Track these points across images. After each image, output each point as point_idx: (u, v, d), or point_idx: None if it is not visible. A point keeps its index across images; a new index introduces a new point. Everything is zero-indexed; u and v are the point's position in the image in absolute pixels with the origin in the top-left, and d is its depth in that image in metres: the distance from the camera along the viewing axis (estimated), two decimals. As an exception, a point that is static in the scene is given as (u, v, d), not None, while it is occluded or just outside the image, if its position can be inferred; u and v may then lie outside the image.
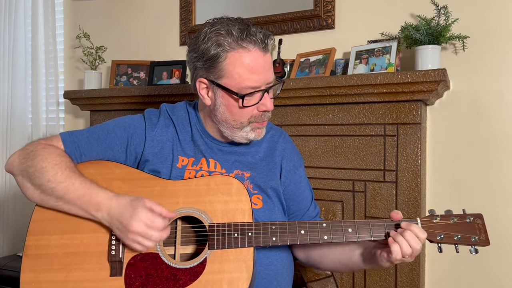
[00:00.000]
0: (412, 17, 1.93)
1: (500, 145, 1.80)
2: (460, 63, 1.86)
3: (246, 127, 1.22)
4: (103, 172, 1.22)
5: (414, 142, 1.74)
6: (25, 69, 2.85)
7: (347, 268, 1.27)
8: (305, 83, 1.84)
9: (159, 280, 1.10)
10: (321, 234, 1.14)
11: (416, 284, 1.74)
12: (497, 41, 1.80)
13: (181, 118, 1.32)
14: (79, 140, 1.24)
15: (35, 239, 1.15)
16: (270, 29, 2.23)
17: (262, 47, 1.17)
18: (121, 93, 2.30)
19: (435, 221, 1.12)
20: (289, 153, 1.35)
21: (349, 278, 1.86)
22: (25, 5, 2.85)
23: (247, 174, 1.28)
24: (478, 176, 1.83)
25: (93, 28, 2.72)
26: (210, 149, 1.29)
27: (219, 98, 1.20)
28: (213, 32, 1.16)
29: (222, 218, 1.15)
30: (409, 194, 1.75)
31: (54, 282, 1.11)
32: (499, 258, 1.79)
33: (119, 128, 1.28)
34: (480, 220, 1.11)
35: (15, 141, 2.80)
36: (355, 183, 1.85)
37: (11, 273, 2.30)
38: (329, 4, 2.09)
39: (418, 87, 1.67)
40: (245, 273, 1.10)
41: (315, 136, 1.92)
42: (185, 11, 2.48)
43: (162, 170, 1.25)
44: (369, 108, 1.81)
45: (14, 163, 1.19)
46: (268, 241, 1.13)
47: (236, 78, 1.16)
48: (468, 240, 1.10)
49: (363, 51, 1.89)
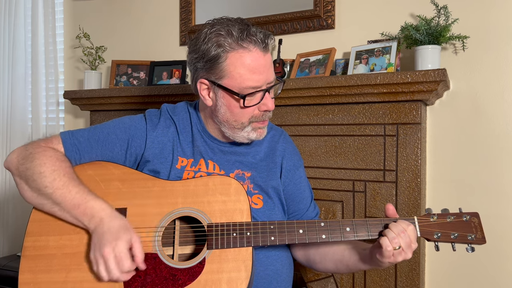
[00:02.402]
0: (412, 17, 1.93)
1: (500, 145, 1.80)
2: (460, 63, 1.86)
3: (247, 127, 1.22)
4: (102, 173, 1.22)
5: (414, 142, 1.74)
6: (25, 69, 2.85)
7: (347, 269, 1.27)
8: (305, 83, 1.84)
9: (158, 280, 1.09)
10: (319, 234, 1.14)
11: (416, 284, 1.73)
12: (497, 41, 1.80)
13: (182, 118, 1.32)
14: (79, 143, 1.23)
15: (33, 240, 1.15)
16: (270, 29, 2.23)
17: (263, 47, 1.17)
18: (121, 93, 2.30)
19: (432, 220, 1.13)
20: (289, 153, 1.35)
21: (349, 278, 1.86)
22: (25, 5, 2.85)
23: (248, 174, 1.28)
24: (478, 176, 1.83)
25: (93, 28, 2.72)
26: (211, 150, 1.29)
27: (220, 98, 1.20)
28: (213, 32, 1.16)
29: (221, 218, 1.15)
30: (409, 194, 1.74)
31: (53, 283, 1.11)
32: (498, 258, 1.79)
33: (119, 129, 1.27)
34: (476, 218, 1.12)
35: (15, 141, 2.80)
36: (355, 183, 1.85)
37: (10, 273, 2.31)
38: (329, 4, 2.08)
39: (418, 87, 1.67)
40: (244, 272, 1.10)
41: (315, 136, 1.92)
42: (185, 11, 2.48)
43: (162, 170, 1.25)
44: (369, 108, 1.81)
45: (12, 162, 1.18)
46: (267, 241, 1.13)
47: (237, 78, 1.15)
48: (465, 238, 1.10)
49: (363, 51, 1.89)
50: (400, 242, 1.06)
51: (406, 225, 1.09)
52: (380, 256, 1.09)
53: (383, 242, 1.07)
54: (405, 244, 1.07)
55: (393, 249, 1.06)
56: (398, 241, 1.06)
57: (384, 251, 1.07)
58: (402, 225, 1.09)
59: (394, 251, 1.07)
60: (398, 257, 1.08)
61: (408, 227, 1.09)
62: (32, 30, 2.79)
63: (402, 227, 1.08)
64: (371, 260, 1.16)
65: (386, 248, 1.06)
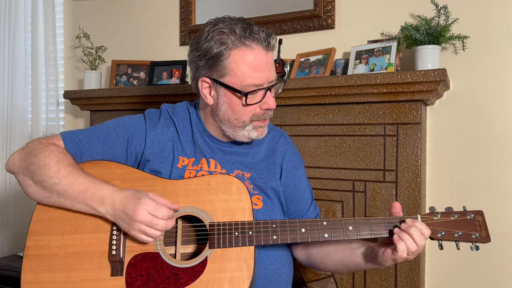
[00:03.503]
0: (412, 17, 1.94)
1: (500, 145, 1.80)
2: (460, 63, 1.86)
3: (249, 125, 1.22)
4: (103, 172, 1.22)
5: (414, 142, 1.74)
6: (25, 69, 2.85)
7: (348, 269, 1.27)
8: (305, 83, 1.84)
9: (160, 280, 1.10)
10: (322, 232, 1.15)
11: (416, 284, 1.74)
12: (497, 41, 1.80)
13: (181, 118, 1.32)
14: (80, 140, 1.24)
15: (36, 240, 1.15)
16: (270, 29, 2.23)
17: (265, 45, 1.17)
18: (121, 93, 2.31)
19: (435, 218, 1.13)
20: (289, 154, 1.36)
21: (349, 278, 1.86)
22: (25, 5, 2.85)
23: (247, 174, 1.28)
24: (478, 176, 1.83)
25: (93, 28, 2.72)
26: (211, 149, 1.29)
27: (222, 96, 1.20)
28: (216, 31, 1.17)
29: (223, 217, 1.15)
30: (409, 194, 1.75)
31: (55, 283, 1.11)
32: (499, 258, 1.79)
33: (119, 128, 1.28)
34: (481, 217, 1.12)
35: (15, 140, 2.79)
36: (355, 183, 1.85)
37: (11, 273, 2.31)
38: (329, 4, 2.09)
39: (418, 87, 1.67)
40: (246, 271, 1.10)
41: (315, 136, 1.92)
42: (185, 11, 2.48)
43: (163, 170, 1.25)
44: (369, 108, 1.81)
45: (15, 162, 1.19)
46: (269, 240, 1.14)
47: (240, 76, 1.16)
48: (469, 237, 1.10)
49: (363, 51, 1.89)
50: (417, 248, 1.07)
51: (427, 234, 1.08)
52: (391, 257, 1.09)
53: (399, 247, 1.06)
54: (416, 250, 1.07)
55: (408, 254, 1.06)
56: (415, 249, 1.06)
57: (399, 257, 1.06)
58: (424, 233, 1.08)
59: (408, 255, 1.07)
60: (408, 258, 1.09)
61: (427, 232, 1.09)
62: (32, 30, 2.79)
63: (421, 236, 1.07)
64: (373, 258, 1.16)
65: (402, 255, 1.06)
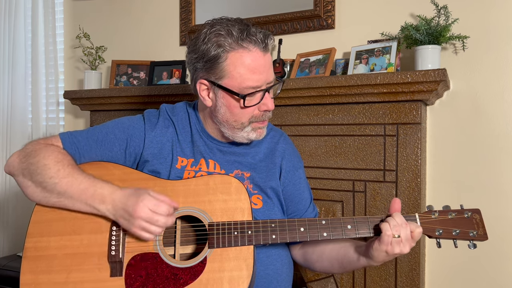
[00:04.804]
0: (412, 17, 1.93)
1: (500, 145, 1.80)
2: (460, 63, 1.86)
3: (247, 127, 1.22)
4: (102, 173, 1.21)
5: (414, 142, 1.74)
6: (25, 69, 2.85)
7: (343, 267, 1.26)
8: (305, 83, 1.84)
9: (159, 280, 1.10)
10: (321, 231, 1.15)
11: (416, 284, 1.74)
12: (497, 41, 1.80)
13: (181, 118, 1.32)
14: (79, 142, 1.23)
15: (35, 241, 1.15)
16: (270, 29, 2.23)
17: (262, 47, 1.17)
18: (121, 93, 2.31)
19: (433, 217, 1.13)
20: (289, 154, 1.35)
21: (349, 278, 1.86)
22: (25, 5, 2.85)
23: (247, 174, 1.28)
24: (478, 176, 1.83)
25: (93, 28, 2.72)
26: (210, 150, 1.29)
27: (220, 99, 1.20)
28: (213, 33, 1.16)
29: (222, 217, 1.15)
30: (409, 194, 1.75)
31: (54, 284, 1.11)
32: (498, 257, 1.79)
33: (118, 129, 1.27)
34: (478, 215, 1.12)
35: (15, 141, 2.80)
36: (355, 183, 1.85)
37: (11, 273, 2.31)
38: (329, 4, 2.09)
39: (418, 87, 1.67)
40: (245, 271, 1.10)
41: (315, 136, 1.92)
42: (185, 11, 2.48)
43: (162, 170, 1.25)
44: (369, 108, 1.81)
45: (14, 163, 1.18)
46: (268, 239, 1.14)
47: (237, 78, 1.16)
48: (467, 235, 1.11)
49: (363, 51, 1.89)
50: (400, 232, 1.06)
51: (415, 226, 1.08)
52: (378, 243, 1.08)
53: (383, 227, 1.07)
54: (405, 235, 1.06)
55: (392, 236, 1.06)
56: (399, 230, 1.06)
57: (383, 235, 1.06)
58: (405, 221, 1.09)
59: (393, 238, 1.06)
60: (396, 247, 1.07)
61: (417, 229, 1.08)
62: (32, 30, 2.79)
63: (404, 220, 1.08)
64: (366, 253, 1.15)
65: (386, 233, 1.06)
